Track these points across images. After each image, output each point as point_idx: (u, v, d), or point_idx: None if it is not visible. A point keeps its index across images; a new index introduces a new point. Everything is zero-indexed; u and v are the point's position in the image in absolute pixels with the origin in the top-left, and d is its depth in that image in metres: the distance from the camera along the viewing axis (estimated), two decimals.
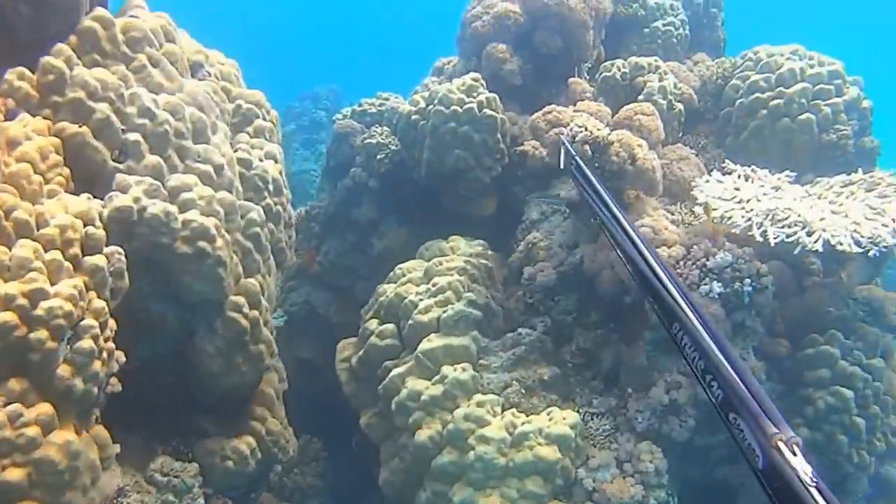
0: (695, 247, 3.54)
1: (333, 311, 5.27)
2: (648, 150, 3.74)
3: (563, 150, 3.29)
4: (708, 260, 3.46)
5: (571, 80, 4.73)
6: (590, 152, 3.58)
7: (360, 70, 20.55)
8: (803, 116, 4.23)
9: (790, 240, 3.26)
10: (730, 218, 3.37)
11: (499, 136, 4.48)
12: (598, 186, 2.55)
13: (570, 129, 3.56)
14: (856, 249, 3.22)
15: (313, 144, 11.99)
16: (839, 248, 3.22)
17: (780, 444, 1.25)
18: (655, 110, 3.96)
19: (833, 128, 4.24)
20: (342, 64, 22.79)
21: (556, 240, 4.09)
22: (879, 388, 3.64)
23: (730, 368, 1.47)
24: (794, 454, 1.23)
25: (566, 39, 4.72)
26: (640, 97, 4.22)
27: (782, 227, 3.29)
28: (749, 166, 3.89)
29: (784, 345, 3.74)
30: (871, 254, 3.27)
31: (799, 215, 3.33)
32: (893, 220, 3.40)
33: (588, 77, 4.80)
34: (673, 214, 3.84)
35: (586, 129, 3.57)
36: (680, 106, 4.39)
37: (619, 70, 4.34)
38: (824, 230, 3.26)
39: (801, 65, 4.35)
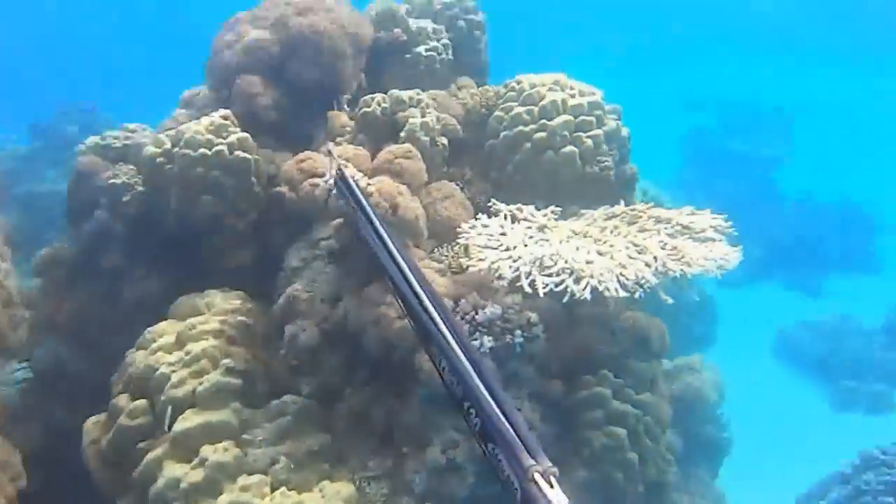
0: (463, 300, 3.36)
1: (85, 368, 4.64)
2: (411, 197, 3.52)
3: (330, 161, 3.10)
4: (477, 314, 3.30)
5: (331, 113, 4.42)
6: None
7: (126, 84, 18.95)
8: (567, 149, 4.22)
9: (559, 289, 3.15)
10: (497, 269, 3.20)
11: (253, 178, 4.11)
12: (365, 203, 2.50)
13: (326, 181, 3.25)
14: (622, 294, 3.18)
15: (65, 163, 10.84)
16: (606, 294, 3.16)
17: (537, 476, 1.23)
18: (417, 152, 3.76)
19: (596, 159, 4.27)
20: (107, 76, 20.91)
21: (319, 291, 3.84)
22: (650, 421, 3.72)
23: (489, 398, 1.45)
24: (551, 486, 1.22)
25: (324, 70, 4.42)
26: (402, 134, 4.02)
27: (550, 276, 3.18)
28: (515, 204, 3.80)
29: (558, 386, 3.71)
30: (636, 296, 3.25)
31: (566, 262, 3.26)
32: (656, 257, 3.41)
33: (349, 109, 4.50)
34: (440, 262, 3.64)
35: None
36: (444, 140, 4.22)
37: (379, 105, 4.10)
38: (592, 276, 3.19)
39: (562, 96, 4.34)
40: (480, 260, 3.29)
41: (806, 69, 21.92)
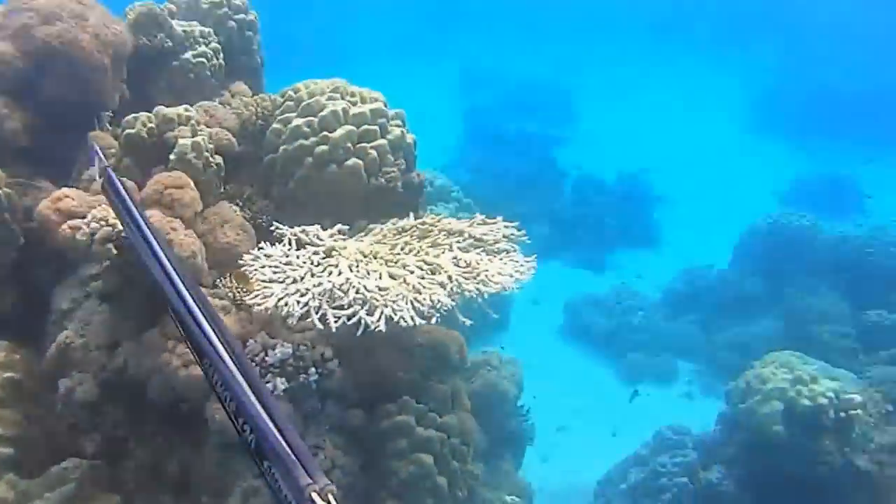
0: (251, 341, 3.13)
1: None
2: (185, 231, 3.22)
3: (96, 157, 2.83)
4: (267, 355, 3.08)
5: (93, 134, 3.97)
6: (114, 251, 2.93)
7: None
8: (350, 162, 4.07)
9: (352, 321, 3.01)
10: (285, 305, 2.99)
11: (6, 215, 3.58)
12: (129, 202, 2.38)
13: (88, 226, 2.88)
14: (419, 321, 3.10)
15: None
16: (402, 323, 3.06)
17: (314, 495, 1.21)
18: (188, 179, 3.46)
19: (382, 171, 4.15)
20: None
21: (93, 337, 3.50)
22: (456, 443, 3.68)
23: (262, 412, 1.41)
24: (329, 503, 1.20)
25: (80, 86, 3.98)
26: (172, 156, 3.67)
27: (342, 309, 3.03)
28: (299, 224, 3.62)
29: (359, 416, 3.59)
30: (433, 321, 3.18)
31: (357, 291, 3.10)
32: (450, 277, 3.36)
33: (112, 128, 4.06)
34: (223, 298, 3.38)
35: (107, 223, 2.91)
36: (219, 159, 3.94)
37: (145, 126, 3.73)
38: (385, 304, 3.08)
39: (343, 105, 4.18)
40: (266, 297, 3.06)
41: (585, 47, 23.19)
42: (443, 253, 3.63)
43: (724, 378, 9.11)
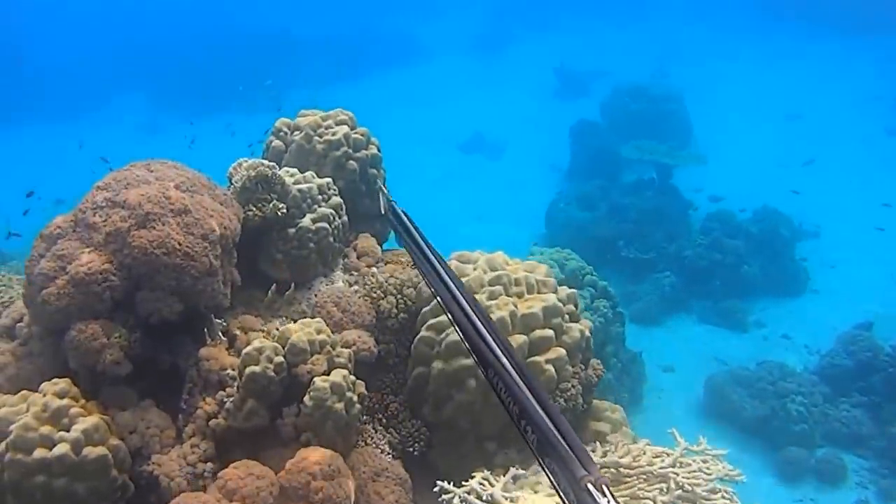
0: None
1: None
2: None
3: (382, 198, 3.09)
4: None
5: (204, 352, 3.35)
6: None
7: None
8: None
9: None
10: None
11: (114, 472, 3.03)
12: (416, 234, 2.63)
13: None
14: None
15: None
16: None
17: (590, 486, 1.34)
18: (342, 464, 2.78)
19: (559, 389, 3.46)
20: None
21: None
22: None
23: (542, 413, 1.58)
24: (603, 494, 1.33)
25: (186, 296, 3.35)
26: (308, 402, 3.04)
27: None
28: (456, 456, 3.28)
29: None
30: None
31: None
32: None
33: (222, 338, 3.45)
34: None
35: None
36: (362, 388, 3.29)
37: (272, 362, 3.08)
38: None
39: (510, 307, 3.61)
40: None
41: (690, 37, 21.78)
42: None
43: None
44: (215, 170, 4.05)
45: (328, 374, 3.15)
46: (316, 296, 3.94)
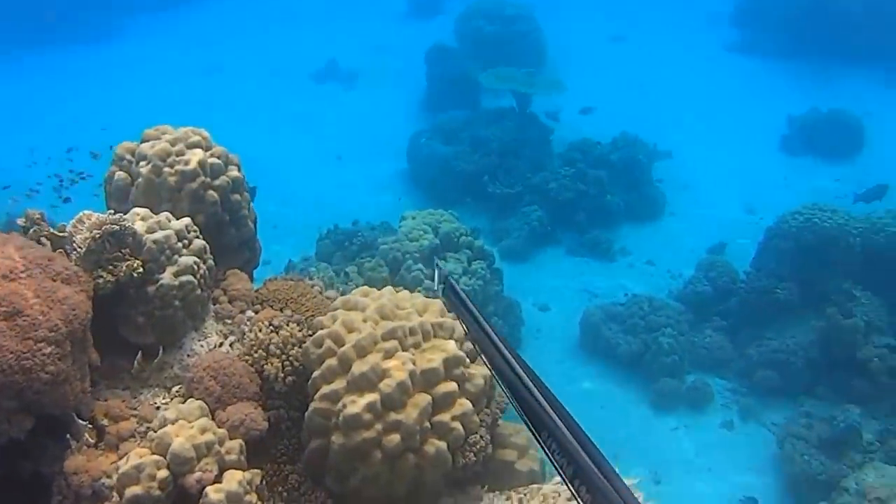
0: None
1: None
2: None
3: (437, 274, 2.89)
4: None
5: (70, 463, 3.01)
6: None
7: None
8: (431, 450, 3.23)
9: None
10: None
11: None
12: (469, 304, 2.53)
13: None
14: None
15: None
16: None
17: None
18: None
19: (467, 444, 3.27)
20: None
21: None
22: None
23: (596, 471, 1.57)
24: None
25: (35, 409, 2.86)
26: None
27: None
28: None
29: None
30: None
31: None
32: None
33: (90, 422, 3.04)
34: None
35: None
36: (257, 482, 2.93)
37: (153, 481, 2.83)
38: None
39: (408, 366, 3.30)
40: None
41: None
42: None
43: (764, 401, 8.72)
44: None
45: (220, 482, 2.81)
46: (188, 356, 3.53)
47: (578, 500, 1.56)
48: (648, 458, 7.86)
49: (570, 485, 1.61)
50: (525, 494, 3.33)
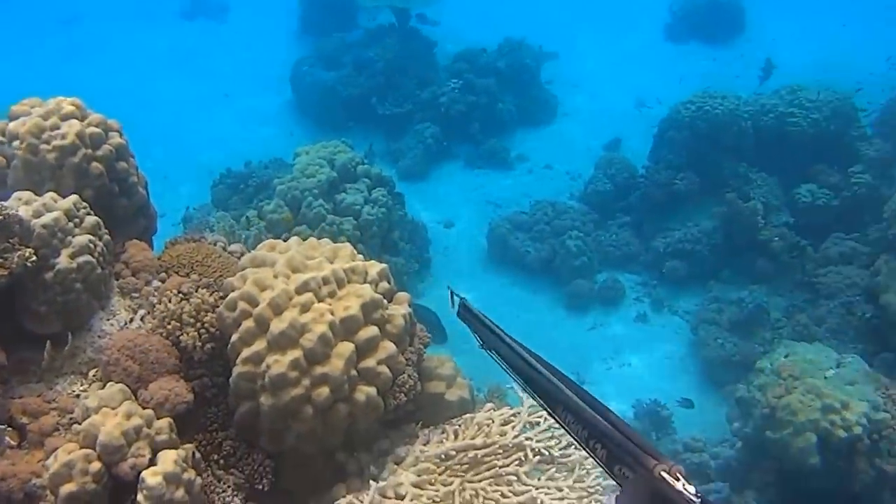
0: None
1: None
2: None
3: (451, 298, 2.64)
4: None
5: None
6: None
7: None
8: (362, 397, 3.30)
9: None
10: None
11: None
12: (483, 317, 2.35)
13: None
14: None
15: None
16: None
17: (663, 474, 1.36)
18: None
19: (396, 384, 3.35)
20: None
21: None
22: None
23: (604, 422, 1.57)
24: (678, 479, 1.34)
25: None
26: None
27: None
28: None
29: None
30: None
31: None
32: None
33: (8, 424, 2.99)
34: None
35: None
36: (199, 479, 2.95)
37: (86, 476, 2.75)
38: None
39: (328, 317, 3.31)
40: None
41: None
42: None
43: (674, 290, 9.15)
44: None
45: (155, 464, 2.81)
46: (100, 337, 3.45)
47: (595, 456, 1.59)
48: (569, 360, 8.20)
49: (587, 444, 1.63)
50: (460, 425, 3.43)
